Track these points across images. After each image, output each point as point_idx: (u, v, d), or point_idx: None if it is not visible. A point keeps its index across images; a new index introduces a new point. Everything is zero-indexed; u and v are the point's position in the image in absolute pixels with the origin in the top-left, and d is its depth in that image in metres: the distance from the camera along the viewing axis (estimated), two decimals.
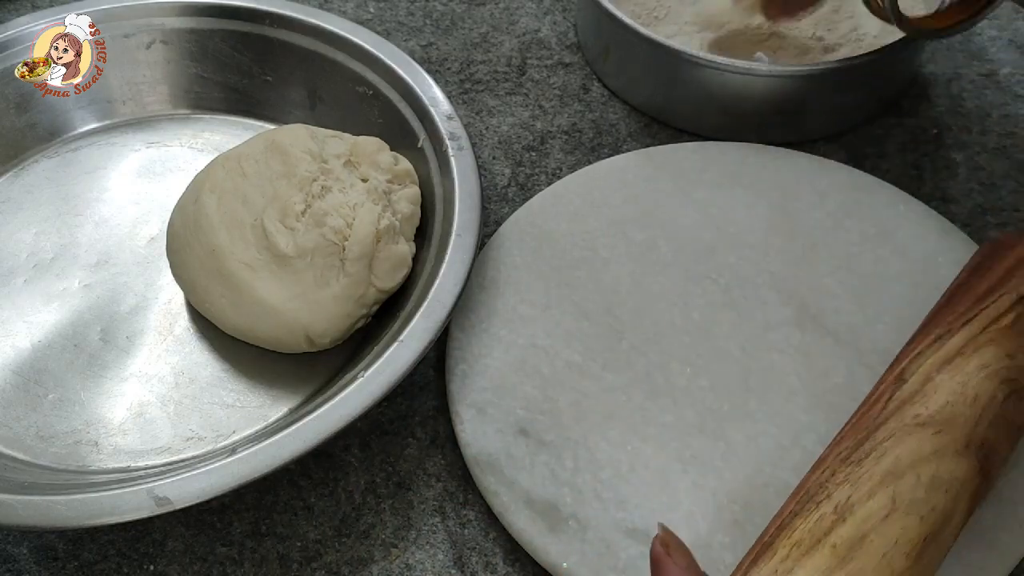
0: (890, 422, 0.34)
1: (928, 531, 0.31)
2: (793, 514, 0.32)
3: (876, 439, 0.34)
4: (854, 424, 0.36)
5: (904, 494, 0.31)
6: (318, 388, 0.44)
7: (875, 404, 0.36)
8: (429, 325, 0.40)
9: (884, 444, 0.33)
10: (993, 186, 0.51)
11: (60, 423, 0.43)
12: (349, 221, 0.43)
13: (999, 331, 0.36)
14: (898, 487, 0.32)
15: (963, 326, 0.37)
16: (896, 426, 0.34)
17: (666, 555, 0.30)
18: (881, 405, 0.35)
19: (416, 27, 0.61)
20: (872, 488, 0.32)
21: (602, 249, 0.47)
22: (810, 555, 0.30)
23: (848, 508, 0.31)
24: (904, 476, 0.32)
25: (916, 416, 0.34)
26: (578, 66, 0.58)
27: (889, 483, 0.32)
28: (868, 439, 0.34)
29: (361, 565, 0.40)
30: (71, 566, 0.40)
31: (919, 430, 0.33)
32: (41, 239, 0.50)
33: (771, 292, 0.45)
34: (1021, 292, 0.38)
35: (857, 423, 0.36)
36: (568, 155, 0.54)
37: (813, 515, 0.31)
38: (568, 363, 0.43)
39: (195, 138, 0.54)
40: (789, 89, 0.51)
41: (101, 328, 0.46)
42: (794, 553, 0.30)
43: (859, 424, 0.35)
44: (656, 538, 0.31)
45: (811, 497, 0.32)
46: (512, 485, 0.39)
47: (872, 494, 0.31)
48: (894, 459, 0.32)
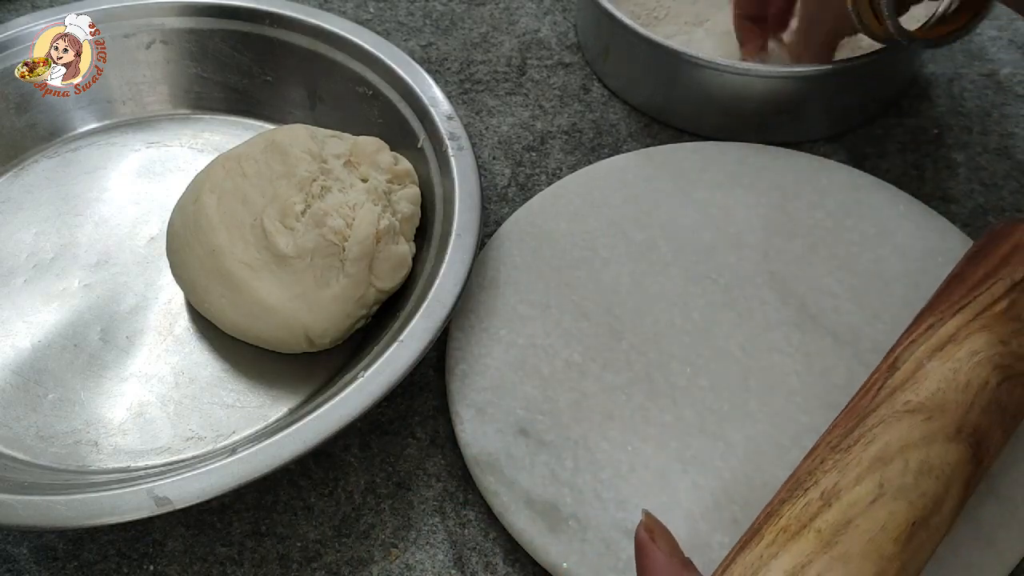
0: (880, 409, 0.34)
1: (917, 516, 0.31)
2: (781, 501, 0.32)
3: (866, 426, 0.33)
4: (846, 413, 0.36)
5: (892, 479, 0.31)
6: (318, 388, 0.44)
7: (867, 393, 0.36)
8: (429, 325, 0.40)
9: (873, 431, 0.33)
10: (994, 186, 0.51)
11: (60, 423, 0.43)
12: (349, 221, 0.43)
13: (992, 317, 0.36)
14: (886, 472, 0.31)
15: (956, 313, 0.37)
16: (886, 413, 0.34)
17: (650, 540, 0.30)
18: (872, 393, 0.35)
19: (416, 27, 0.61)
20: (860, 474, 0.31)
21: (602, 249, 0.47)
22: (795, 540, 0.30)
23: (835, 494, 0.31)
24: (892, 462, 0.32)
25: (906, 403, 0.34)
26: (578, 66, 0.58)
27: (877, 469, 0.31)
28: (858, 426, 0.34)
29: (361, 565, 0.40)
30: (71, 566, 0.40)
31: (909, 416, 0.33)
32: (41, 239, 0.50)
33: (771, 292, 0.45)
34: (1016, 278, 0.38)
35: (849, 412, 0.35)
36: (568, 155, 0.54)
37: (800, 501, 0.31)
38: (568, 363, 0.43)
39: (195, 138, 0.54)
40: (789, 89, 0.51)
41: (101, 328, 0.46)
42: (780, 538, 0.30)
43: (850, 413, 0.35)
44: (640, 524, 0.31)
45: (800, 484, 0.32)
46: (512, 485, 0.39)
47: (859, 480, 0.31)
48: (883, 445, 0.32)
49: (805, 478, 0.33)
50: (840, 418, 0.36)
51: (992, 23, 0.60)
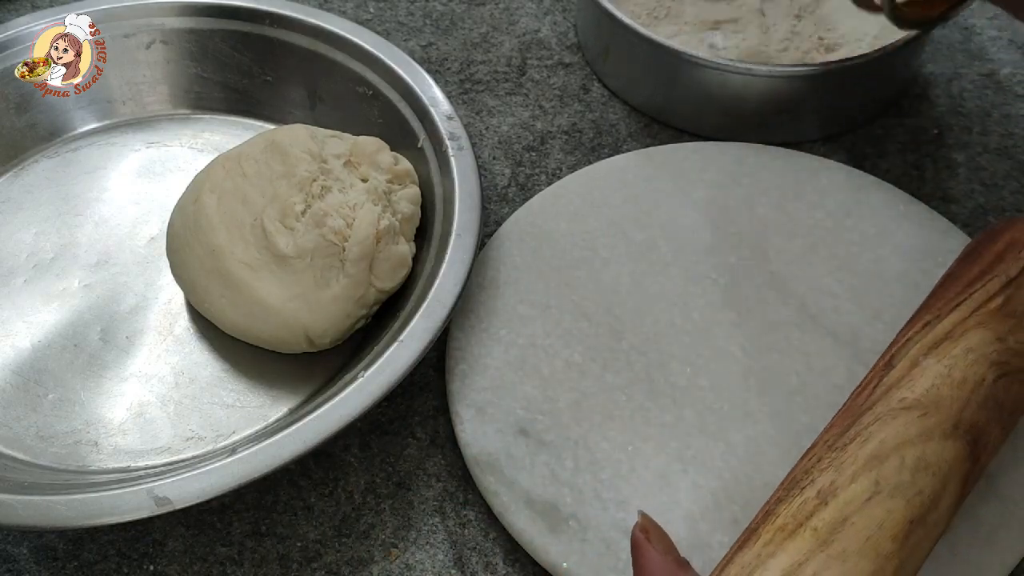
0: (876, 407, 0.34)
1: (914, 514, 0.31)
2: (778, 500, 0.32)
3: (861, 424, 0.33)
4: (842, 412, 0.36)
5: (888, 477, 0.31)
6: (318, 388, 0.44)
7: (863, 391, 0.36)
8: (429, 325, 0.40)
9: (869, 428, 0.33)
10: (995, 186, 0.51)
11: (60, 423, 0.43)
12: (349, 221, 0.43)
13: (988, 314, 0.36)
14: (882, 470, 0.31)
15: (952, 310, 0.37)
16: (882, 410, 0.33)
17: (645, 540, 0.31)
18: (868, 392, 0.35)
19: (416, 27, 0.61)
20: (855, 472, 0.31)
21: (602, 249, 0.47)
22: (792, 538, 0.30)
23: (831, 492, 0.31)
24: (888, 459, 0.31)
25: (902, 400, 0.34)
26: (578, 66, 0.58)
27: (873, 466, 0.31)
28: (854, 424, 0.34)
29: (361, 565, 0.40)
30: (71, 566, 0.40)
31: (904, 413, 0.33)
32: (41, 239, 0.50)
33: (771, 292, 0.45)
34: (1011, 274, 0.37)
35: (845, 410, 0.35)
36: (568, 155, 0.54)
37: (796, 500, 0.31)
38: (568, 363, 0.43)
39: (195, 138, 0.54)
40: (789, 89, 0.51)
41: (101, 328, 0.46)
42: (777, 537, 0.30)
43: (847, 411, 0.35)
44: (636, 524, 0.31)
45: (796, 483, 0.32)
46: (512, 485, 0.39)
47: (855, 478, 0.31)
48: (878, 443, 0.32)
49: (802, 477, 0.33)
50: (837, 417, 0.36)
51: (992, 23, 0.60)
